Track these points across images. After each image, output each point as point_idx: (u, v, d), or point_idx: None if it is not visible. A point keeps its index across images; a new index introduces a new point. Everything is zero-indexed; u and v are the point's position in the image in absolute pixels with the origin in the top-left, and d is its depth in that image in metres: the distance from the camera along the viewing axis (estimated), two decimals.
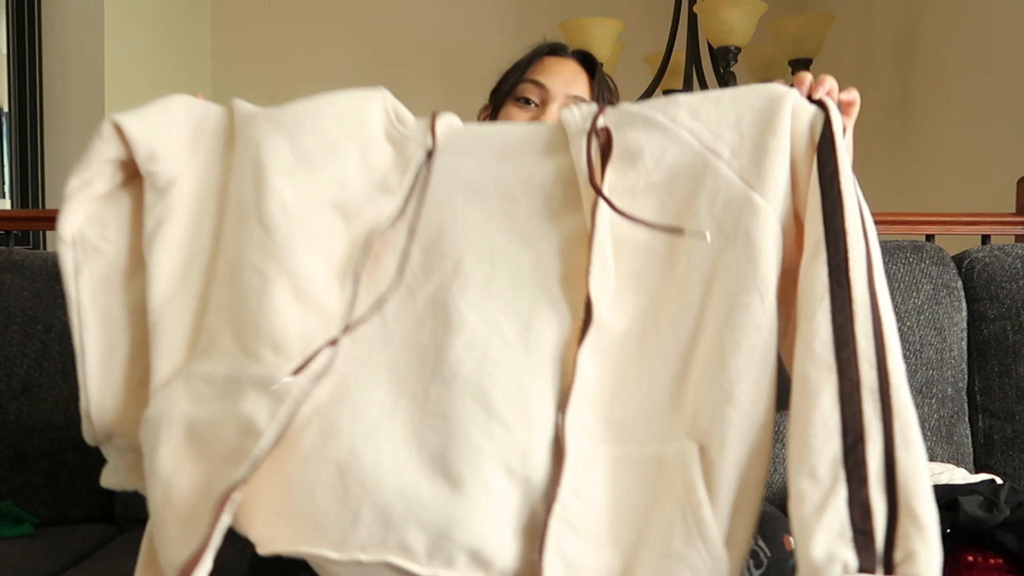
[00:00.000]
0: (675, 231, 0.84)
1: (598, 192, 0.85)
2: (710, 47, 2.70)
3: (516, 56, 1.31)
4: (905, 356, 1.52)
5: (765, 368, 0.79)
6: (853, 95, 0.91)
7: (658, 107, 0.89)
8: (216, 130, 0.94)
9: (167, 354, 0.86)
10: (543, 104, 1.24)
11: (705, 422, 0.78)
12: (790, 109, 0.85)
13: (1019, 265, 1.59)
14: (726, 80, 2.64)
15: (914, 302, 1.55)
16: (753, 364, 0.78)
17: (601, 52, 2.65)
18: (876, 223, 2.19)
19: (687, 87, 2.77)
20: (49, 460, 1.56)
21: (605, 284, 0.85)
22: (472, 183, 0.92)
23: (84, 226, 0.91)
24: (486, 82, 1.34)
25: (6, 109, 2.59)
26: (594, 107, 0.92)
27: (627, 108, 0.91)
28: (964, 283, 1.59)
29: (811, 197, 0.81)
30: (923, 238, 1.91)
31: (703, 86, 2.75)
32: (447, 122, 0.96)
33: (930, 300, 1.56)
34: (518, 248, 0.88)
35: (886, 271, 1.56)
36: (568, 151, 0.89)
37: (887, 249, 1.61)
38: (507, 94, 1.27)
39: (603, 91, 1.28)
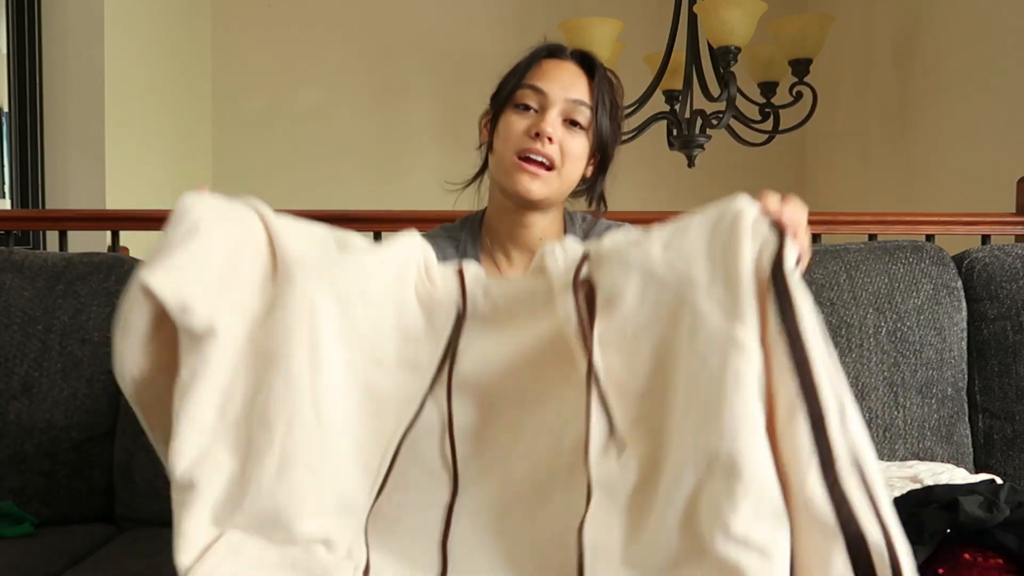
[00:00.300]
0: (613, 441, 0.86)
1: (590, 364, 0.86)
2: (710, 47, 2.70)
3: (516, 57, 1.29)
4: (905, 356, 1.52)
5: None
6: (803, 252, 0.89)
7: (632, 243, 0.89)
8: (254, 258, 0.91)
9: (199, 522, 0.86)
10: (542, 109, 1.22)
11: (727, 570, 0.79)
12: (749, 230, 0.84)
13: (1019, 265, 1.59)
14: (726, 80, 2.64)
15: (914, 302, 1.55)
16: None
17: (601, 52, 2.64)
18: (876, 223, 2.19)
19: (687, 87, 2.78)
20: (49, 460, 1.56)
21: (605, 452, 0.86)
22: (490, 360, 0.93)
23: (140, 363, 0.89)
24: (486, 82, 1.33)
25: (6, 109, 2.59)
26: (578, 253, 0.91)
27: (604, 250, 0.90)
28: (964, 283, 1.59)
29: (776, 345, 0.80)
30: (923, 238, 1.91)
31: (703, 86, 2.75)
32: (472, 277, 0.96)
33: (930, 300, 1.56)
34: (535, 423, 0.91)
35: (886, 271, 1.57)
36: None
37: (887, 249, 1.61)
38: (507, 99, 1.25)
39: (603, 92, 1.26)
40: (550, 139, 1.20)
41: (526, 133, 1.22)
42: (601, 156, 1.29)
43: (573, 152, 1.23)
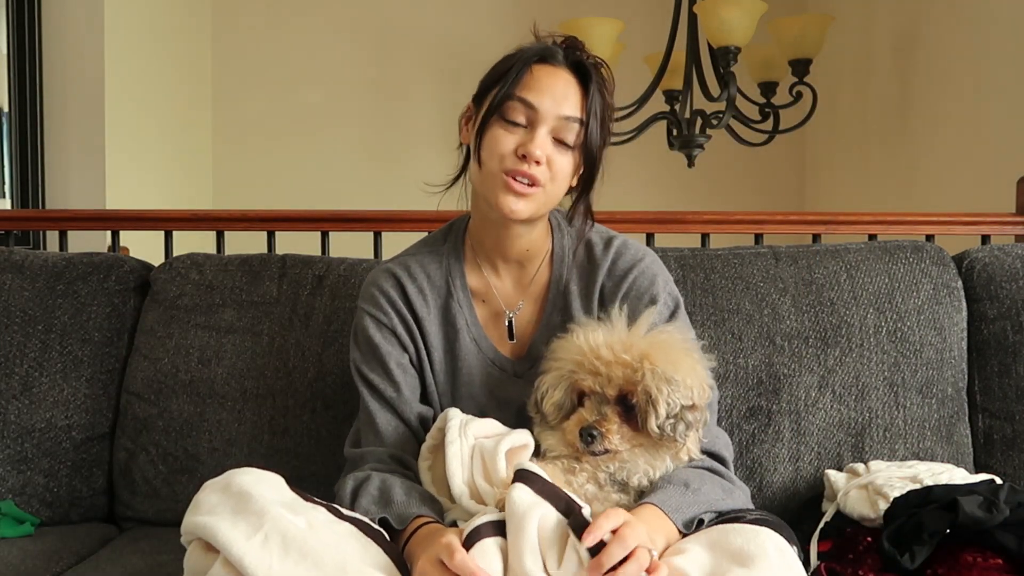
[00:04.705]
0: None
1: None
2: (710, 47, 2.71)
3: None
4: (905, 356, 1.52)
5: None
6: None
7: None
8: None
9: None
10: (531, 125, 1.15)
11: None
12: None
13: (1019, 265, 1.59)
14: (726, 80, 2.64)
15: (914, 302, 1.55)
16: None
17: (601, 52, 2.63)
18: (876, 223, 2.19)
19: (687, 87, 2.78)
20: (49, 460, 1.56)
21: None
22: None
23: None
24: None
25: (6, 109, 2.59)
26: None
27: None
28: (964, 283, 1.59)
29: None
30: (923, 238, 1.91)
31: (703, 86, 2.75)
32: None
33: (930, 300, 1.56)
34: None
35: (886, 271, 1.57)
36: None
37: (887, 249, 1.61)
38: (494, 109, 1.16)
39: (596, 104, 1.18)
40: (537, 161, 1.15)
41: (514, 153, 1.15)
42: (588, 168, 1.22)
43: (560, 170, 1.18)
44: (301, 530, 0.95)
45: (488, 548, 0.93)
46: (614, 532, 0.92)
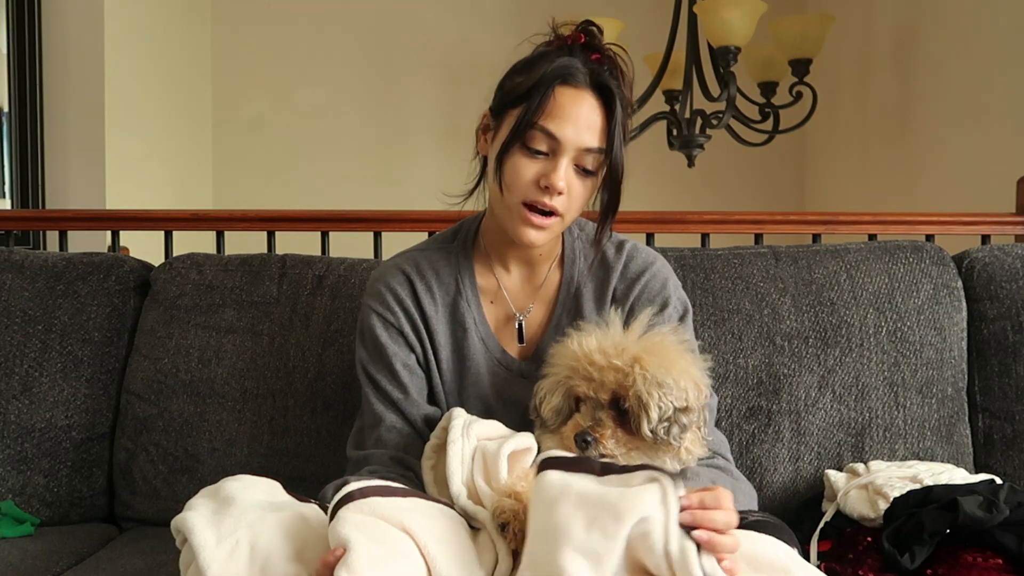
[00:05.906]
0: None
1: None
2: (710, 47, 2.71)
3: (516, 56, 1.23)
4: (905, 356, 1.52)
5: None
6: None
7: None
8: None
9: None
10: (553, 154, 1.15)
11: None
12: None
13: (1019, 265, 1.59)
14: (726, 80, 2.64)
15: (914, 302, 1.55)
16: None
17: None
18: (876, 223, 2.19)
19: (687, 87, 2.78)
20: (49, 460, 1.56)
21: None
22: None
23: None
24: (486, 82, 1.28)
25: (6, 109, 2.59)
26: None
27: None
28: (964, 283, 1.59)
29: None
30: (923, 238, 1.91)
31: (703, 86, 2.75)
32: None
33: (930, 300, 1.56)
34: None
35: (886, 271, 1.57)
36: None
37: (887, 249, 1.61)
38: (516, 136, 1.15)
39: (617, 127, 1.15)
40: (560, 192, 1.16)
41: (535, 183, 1.16)
42: (612, 189, 1.20)
43: (579, 195, 1.19)
44: (273, 541, 0.95)
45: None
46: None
